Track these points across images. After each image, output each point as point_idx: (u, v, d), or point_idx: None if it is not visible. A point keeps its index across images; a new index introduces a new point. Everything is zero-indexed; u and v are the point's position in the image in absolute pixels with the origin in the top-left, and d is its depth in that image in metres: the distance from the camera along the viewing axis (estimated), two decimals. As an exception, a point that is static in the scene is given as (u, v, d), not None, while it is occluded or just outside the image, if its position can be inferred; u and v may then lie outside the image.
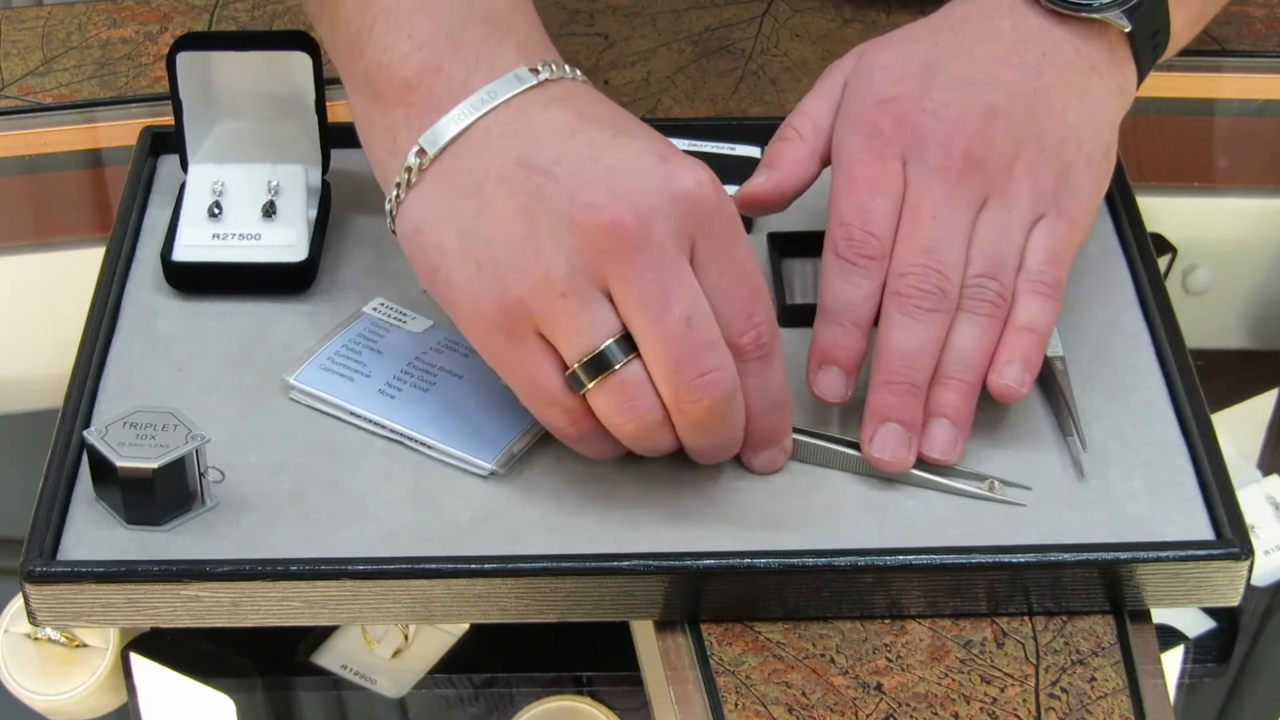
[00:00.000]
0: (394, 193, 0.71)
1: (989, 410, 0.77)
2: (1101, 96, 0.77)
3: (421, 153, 0.70)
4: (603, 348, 0.68)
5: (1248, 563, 0.70)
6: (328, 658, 0.77)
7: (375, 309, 0.80)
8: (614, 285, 0.67)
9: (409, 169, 0.70)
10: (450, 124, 0.70)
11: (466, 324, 0.70)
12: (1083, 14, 0.77)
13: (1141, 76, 0.80)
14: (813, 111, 0.78)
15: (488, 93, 0.70)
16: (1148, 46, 0.79)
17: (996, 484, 0.73)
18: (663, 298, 0.67)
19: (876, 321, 0.74)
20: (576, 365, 0.68)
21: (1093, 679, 0.69)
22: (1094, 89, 0.77)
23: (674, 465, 0.74)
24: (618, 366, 0.68)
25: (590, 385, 0.68)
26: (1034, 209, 0.75)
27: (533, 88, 0.70)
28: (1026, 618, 0.71)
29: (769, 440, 0.73)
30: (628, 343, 0.68)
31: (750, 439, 0.72)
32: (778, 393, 0.72)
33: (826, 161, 0.78)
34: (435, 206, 0.70)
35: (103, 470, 0.71)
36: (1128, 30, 0.77)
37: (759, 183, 0.78)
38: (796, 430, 0.74)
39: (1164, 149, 0.99)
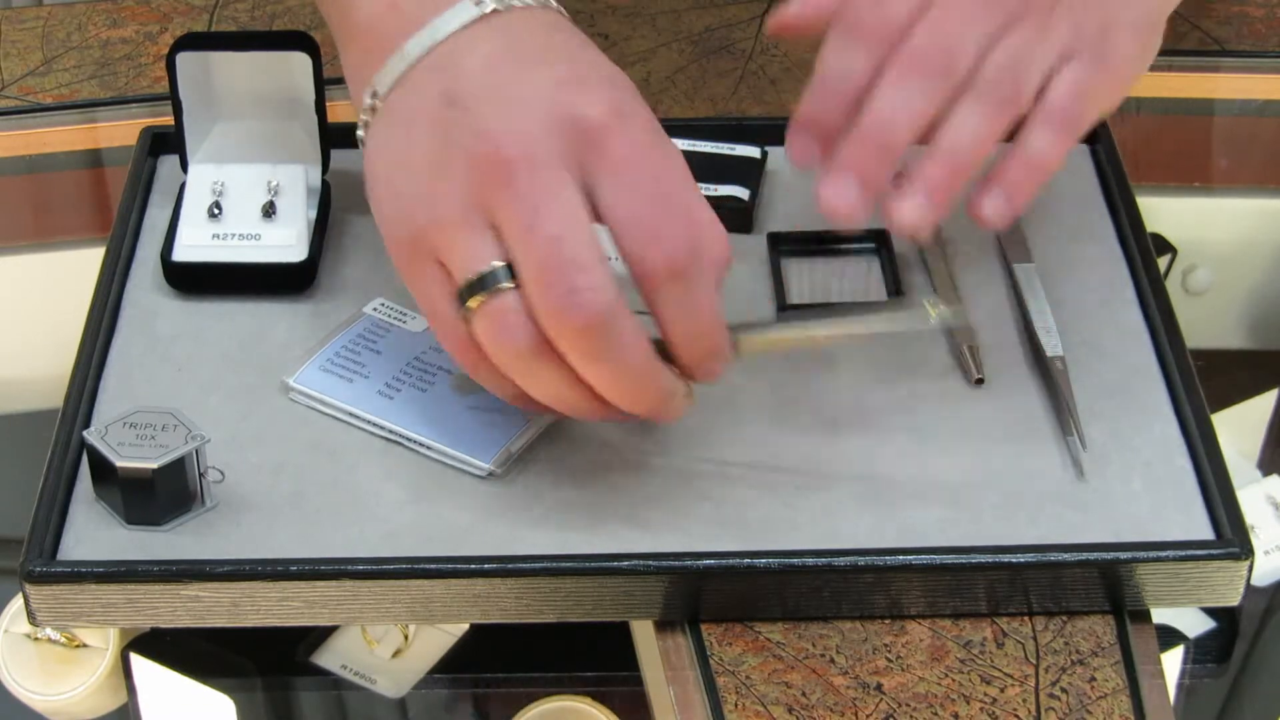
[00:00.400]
0: (360, 134, 0.72)
1: (989, 410, 0.77)
2: None
3: (374, 94, 0.70)
4: (482, 272, 0.66)
5: (1248, 563, 0.70)
6: (328, 658, 0.77)
7: (375, 309, 0.80)
8: (495, 212, 0.66)
9: (367, 110, 0.71)
10: (397, 63, 0.70)
11: (389, 251, 0.70)
12: None
13: None
14: None
15: (432, 28, 0.69)
16: None
17: (930, 304, 0.71)
18: (533, 218, 0.65)
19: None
20: (461, 290, 0.67)
21: (1093, 679, 0.69)
22: None
23: (674, 465, 0.74)
24: (493, 290, 0.66)
25: (471, 309, 0.67)
26: (1069, 45, 0.71)
27: (476, 21, 0.69)
28: (1026, 618, 0.71)
29: (704, 364, 0.70)
30: (511, 271, 0.66)
31: (680, 362, 0.69)
32: (703, 318, 0.68)
33: None
34: (378, 142, 0.70)
35: (103, 470, 0.71)
36: None
37: (789, 9, 0.73)
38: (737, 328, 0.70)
39: (1164, 149, 0.99)
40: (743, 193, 0.85)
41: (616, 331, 0.66)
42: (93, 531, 0.72)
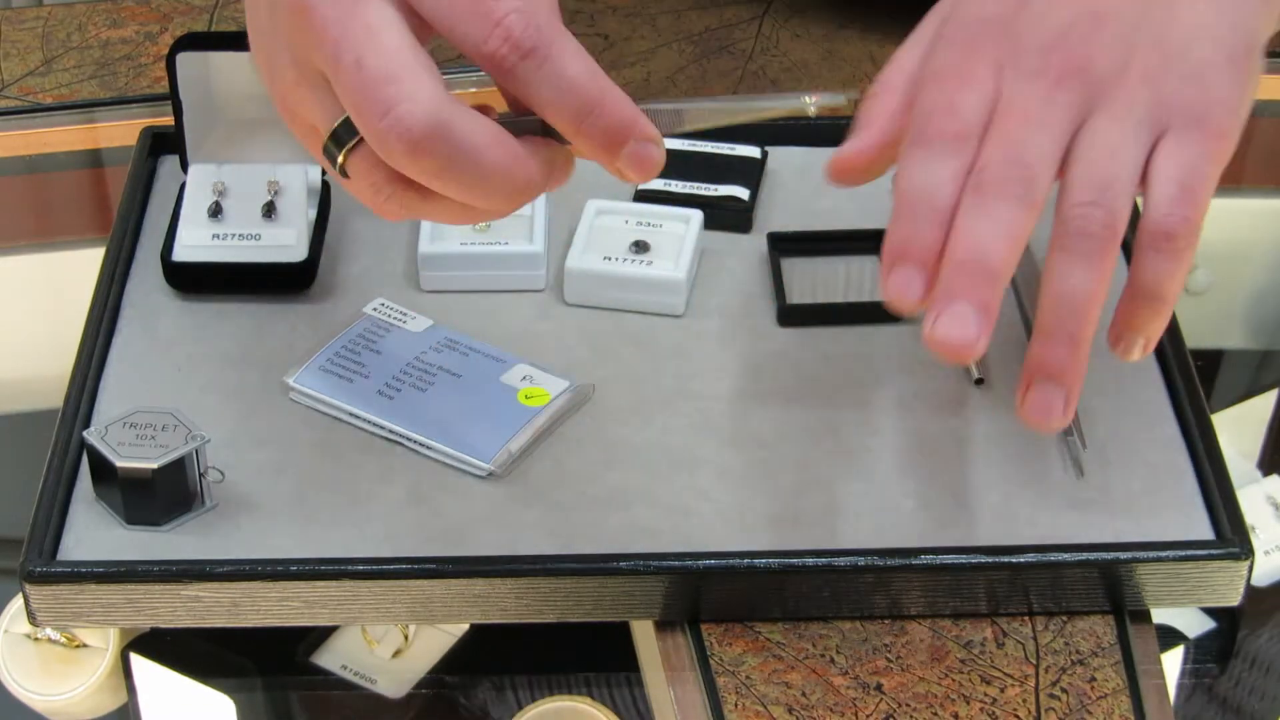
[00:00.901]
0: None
1: (989, 410, 0.77)
2: None
3: None
4: (328, 133, 0.62)
5: (1248, 563, 0.70)
6: (328, 658, 0.77)
7: (375, 309, 0.80)
8: (310, 56, 0.62)
9: None
10: None
11: None
12: None
13: None
14: (905, 61, 0.69)
15: None
16: None
17: (813, 101, 0.66)
18: (334, 47, 0.60)
19: None
20: (327, 147, 0.63)
21: (1093, 679, 0.69)
22: None
23: (674, 465, 0.74)
24: (345, 150, 0.62)
25: (342, 165, 0.63)
26: (1155, 120, 0.64)
27: None
28: (1026, 618, 0.71)
29: (611, 144, 0.62)
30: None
31: (590, 153, 0.62)
32: (580, 90, 0.61)
33: None
34: (247, 13, 0.67)
35: (103, 470, 0.71)
36: None
37: (847, 148, 0.68)
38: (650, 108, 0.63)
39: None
40: (743, 193, 0.85)
41: (453, 135, 0.60)
42: (93, 531, 0.72)
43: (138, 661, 0.76)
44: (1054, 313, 0.63)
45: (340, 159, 0.62)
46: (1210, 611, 0.78)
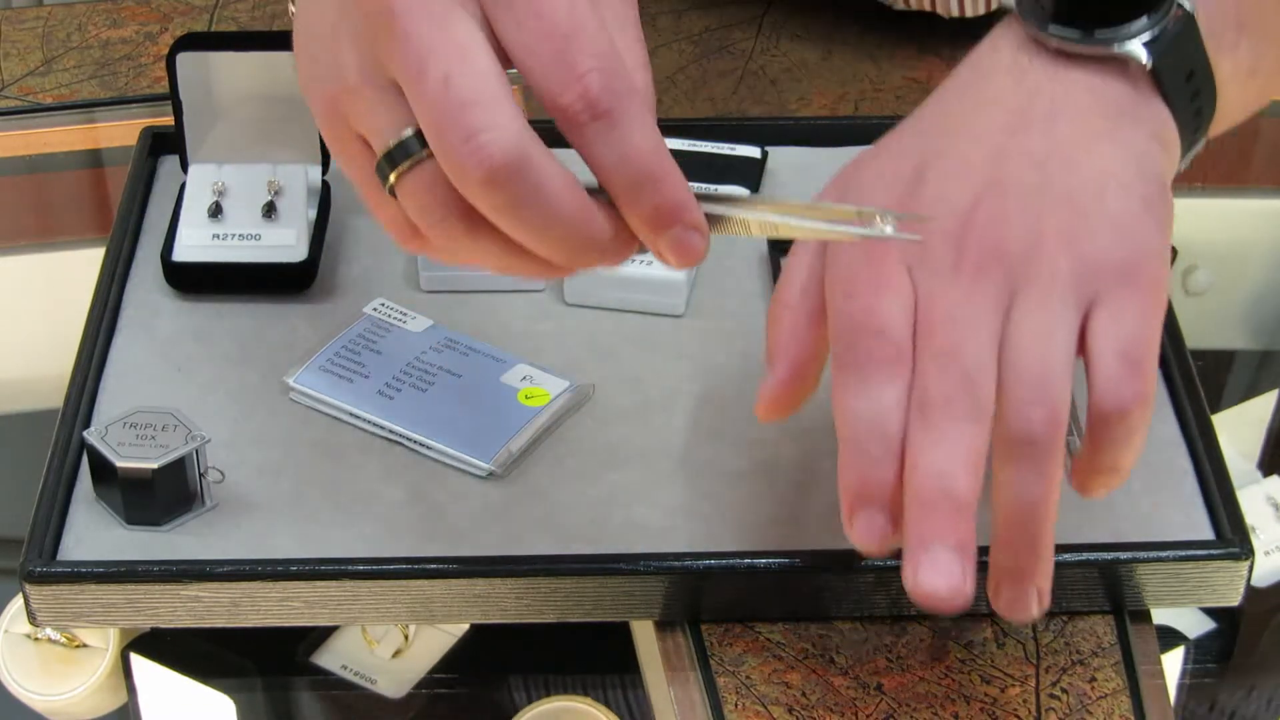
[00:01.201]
0: (290, 8, 0.66)
1: (989, 410, 0.77)
2: (1136, 139, 0.65)
3: None
4: (393, 144, 0.59)
5: (1248, 563, 0.70)
6: (328, 658, 0.77)
7: (375, 309, 0.80)
8: (390, 67, 0.59)
9: None
10: None
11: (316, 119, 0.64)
12: (1094, 49, 0.65)
13: (1187, 131, 0.67)
14: (797, 273, 0.67)
15: None
16: (1183, 91, 0.66)
17: (880, 218, 0.61)
18: (419, 60, 0.57)
19: None
20: (379, 165, 0.60)
21: (1093, 679, 0.69)
22: (1124, 131, 0.65)
23: (674, 465, 0.74)
24: (408, 163, 0.59)
25: (392, 183, 0.60)
26: (1083, 288, 0.62)
27: None
28: (1026, 618, 0.71)
29: (659, 222, 0.59)
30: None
31: (635, 227, 0.60)
32: (643, 160, 0.58)
33: None
34: (299, 8, 0.64)
35: (103, 470, 0.71)
36: (1149, 66, 0.65)
37: (768, 388, 0.66)
38: (708, 199, 0.62)
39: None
40: (743, 193, 0.85)
41: (531, 174, 0.57)
42: (93, 531, 0.72)
43: (138, 661, 0.76)
44: (1011, 522, 0.61)
45: (393, 177, 0.59)
46: (1210, 611, 0.78)
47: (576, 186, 0.58)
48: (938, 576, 0.60)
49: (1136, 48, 0.65)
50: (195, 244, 0.82)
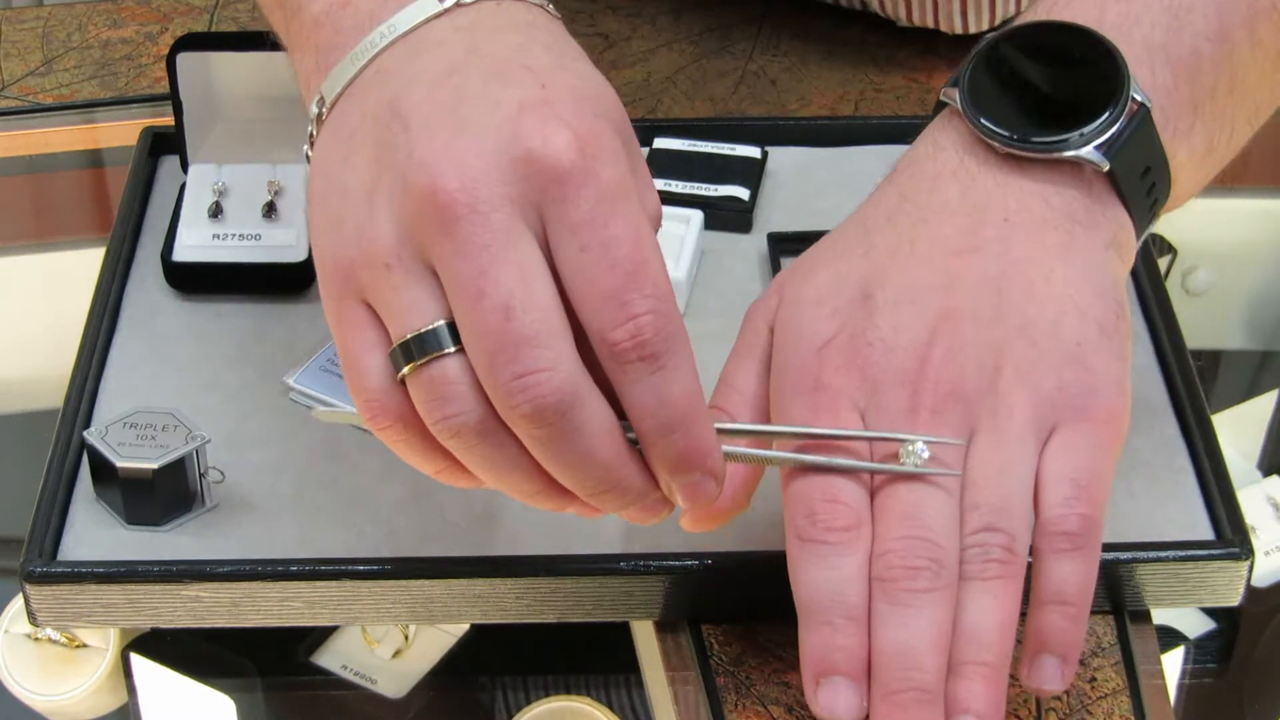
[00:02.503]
0: (305, 148, 0.62)
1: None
2: (1092, 250, 0.63)
3: (321, 101, 0.61)
4: (421, 331, 0.57)
5: (1248, 563, 0.70)
6: (328, 658, 0.77)
7: (375, 309, 0.80)
8: (435, 261, 0.57)
9: (314, 121, 0.61)
10: (347, 66, 0.60)
11: (319, 281, 0.61)
12: (1048, 154, 0.63)
13: (1141, 224, 0.65)
14: (738, 379, 0.65)
15: (389, 26, 0.59)
16: (1139, 188, 0.65)
17: (917, 452, 0.61)
18: (479, 280, 0.56)
19: None
20: (396, 347, 0.58)
21: (1093, 679, 0.69)
22: (1079, 244, 0.63)
23: (674, 465, 0.74)
24: (434, 355, 0.57)
25: (405, 372, 0.57)
26: (1040, 421, 0.61)
27: (439, 15, 0.59)
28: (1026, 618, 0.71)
29: (679, 466, 0.59)
30: (454, 331, 0.57)
31: (654, 464, 0.59)
32: (678, 408, 0.58)
33: None
34: (320, 156, 0.61)
35: (103, 470, 0.71)
36: (1106, 169, 0.63)
37: (709, 499, 0.62)
38: (728, 437, 0.62)
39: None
40: (743, 193, 0.85)
41: (576, 416, 0.57)
42: (93, 531, 0.72)
43: (138, 661, 0.76)
44: (967, 648, 0.60)
45: (409, 367, 0.57)
46: (1210, 611, 0.78)
47: (618, 432, 0.58)
48: None
49: (1091, 152, 0.63)
50: (195, 244, 0.82)
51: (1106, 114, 0.63)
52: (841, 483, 0.61)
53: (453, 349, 0.57)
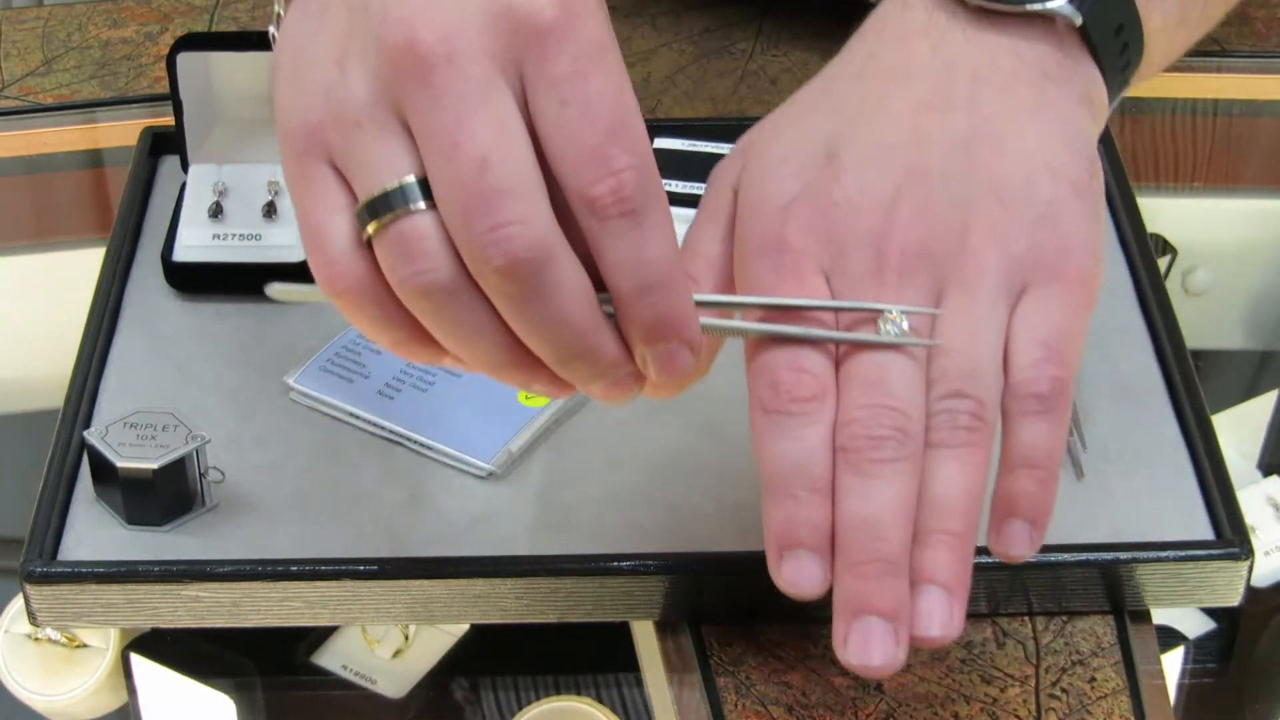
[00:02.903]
0: (271, 29, 0.61)
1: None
2: (1064, 105, 0.62)
3: None
4: (390, 188, 0.56)
5: (1248, 563, 0.70)
6: (328, 658, 0.77)
7: (375, 309, 0.80)
8: (409, 115, 0.55)
9: (281, 1, 0.61)
10: None
11: (280, 146, 0.60)
12: (1019, 7, 0.62)
13: (1114, 86, 0.64)
14: (702, 244, 0.64)
15: None
16: (1112, 46, 0.63)
17: (897, 322, 0.59)
18: (454, 131, 0.54)
19: None
20: (362, 205, 0.56)
21: (1093, 679, 0.69)
22: (1051, 99, 0.62)
23: (674, 465, 0.74)
24: (403, 211, 0.55)
25: (372, 230, 0.56)
26: (1011, 282, 0.60)
27: None
28: (1026, 618, 0.71)
29: (657, 333, 0.57)
30: (426, 187, 0.56)
31: (629, 330, 0.57)
32: (658, 267, 0.56)
33: None
34: (287, 33, 0.59)
35: (103, 470, 0.71)
36: (1079, 23, 0.62)
37: (685, 362, 0.60)
38: (698, 309, 0.58)
39: (1164, 149, 0.99)
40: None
41: (551, 273, 0.55)
42: (93, 531, 0.72)
43: (138, 661, 0.76)
44: (932, 517, 0.58)
45: (375, 225, 0.56)
46: (1210, 611, 0.78)
47: (593, 298, 0.56)
48: (870, 649, 0.57)
49: (1064, 5, 0.62)
50: (195, 244, 0.82)
51: None
52: (806, 351, 0.59)
53: (424, 205, 0.55)
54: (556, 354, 0.57)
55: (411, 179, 0.56)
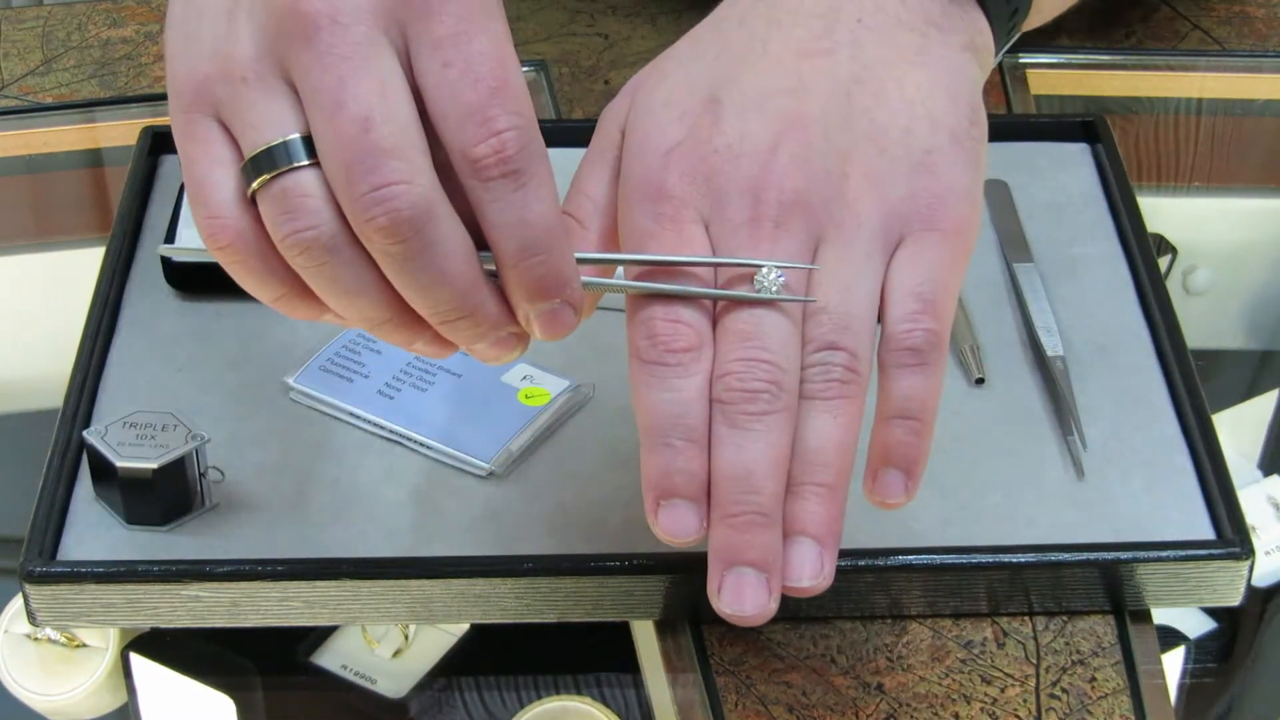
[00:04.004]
0: None
1: (989, 410, 0.77)
2: (947, 53, 0.62)
3: None
4: (274, 144, 0.56)
5: (1248, 563, 0.70)
6: (328, 658, 0.77)
7: (375, 309, 0.80)
8: (293, 73, 0.56)
9: None
10: None
11: (169, 99, 0.59)
12: None
13: (1001, 34, 0.64)
14: (589, 185, 0.63)
15: None
16: None
17: (772, 279, 0.59)
18: (337, 90, 0.55)
19: None
20: (247, 160, 0.57)
21: (1093, 679, 0.69)
22: (934, 47, 0.62)
23: (674, 465, 0.74)
24: (287, 167, 0.56)
25: (255, 186, 0.57)
26: (887, 231, 0.60)
27: None
28: (1027, 618, 0.71)
29: (539, 292, 0.58)
30: (311, 145, 0.56)
31: (512, 289, 0.58)
32: (540, 227, 0.57)
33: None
34: None
35: (103, 470, 0.71)
36: None
37: (568, 317, 0.61)
38: (581, 266, 0.60)
39: (1164, 149, 0.99)
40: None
41: (432, 232, 0.56)
42: (93, 531, 0.72)
43: (138, 661, 0.76)
44: (805, 469, 0.59)
45: (259, 182, 0.57)
46: (1210, 611, 0.78)
47: (475, 258, 0.57)
48: (744, 599, 0.59)
49: None
50: (196, 244, 0.82)
51: None
52: (684, 304, 0.60)
53: (307, 162, 0.56)
54: (438, 313, 0.58)
55: (296, 136, 0.56)
